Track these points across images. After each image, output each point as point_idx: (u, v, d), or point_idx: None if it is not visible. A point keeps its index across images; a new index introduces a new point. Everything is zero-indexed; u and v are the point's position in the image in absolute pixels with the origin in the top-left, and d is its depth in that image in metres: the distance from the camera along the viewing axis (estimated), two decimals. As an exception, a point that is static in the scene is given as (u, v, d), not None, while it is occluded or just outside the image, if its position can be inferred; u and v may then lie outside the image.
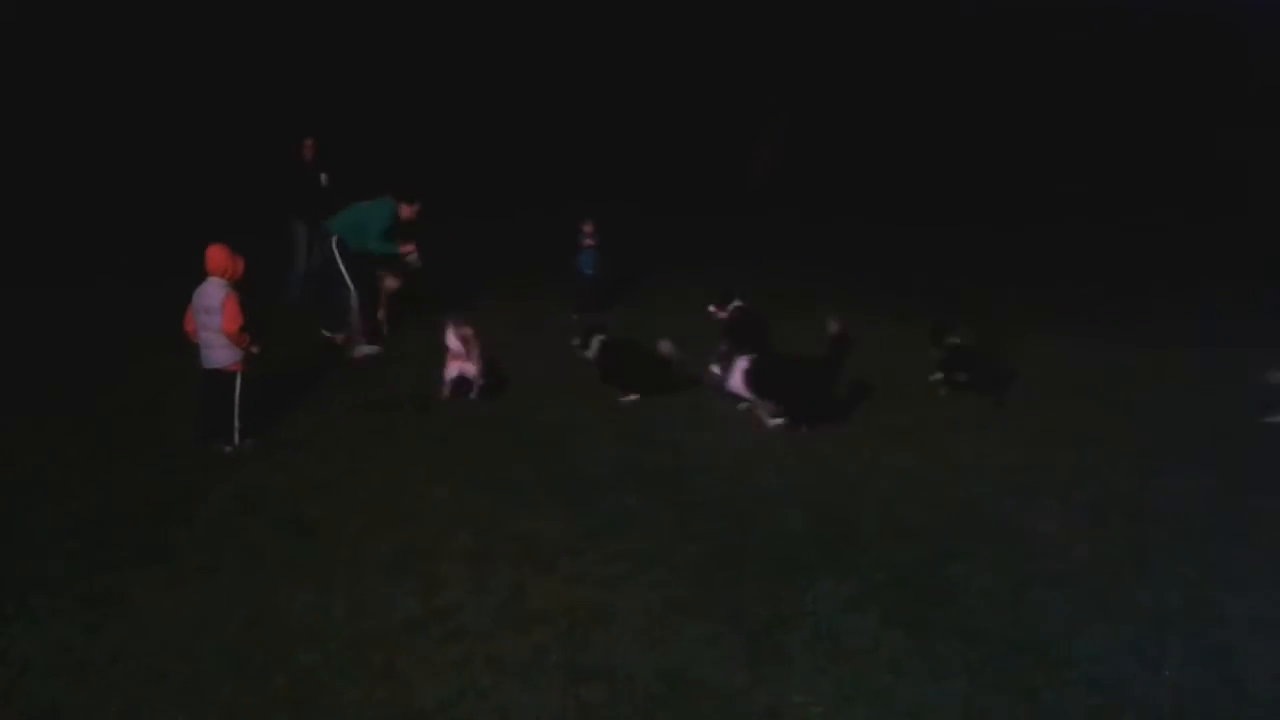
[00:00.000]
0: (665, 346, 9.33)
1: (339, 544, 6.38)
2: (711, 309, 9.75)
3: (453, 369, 9.14)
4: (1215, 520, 6.90)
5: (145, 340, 10.04)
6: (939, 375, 9.39)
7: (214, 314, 7.50)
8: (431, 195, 10.65)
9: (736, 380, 8.71)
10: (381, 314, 10.90)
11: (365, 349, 10.33)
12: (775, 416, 8.57)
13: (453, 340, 9.12)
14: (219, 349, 7.61)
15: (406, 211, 10.34)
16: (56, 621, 5.51)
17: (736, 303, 9.66)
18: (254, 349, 7.71)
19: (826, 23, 20.95)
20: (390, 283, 10.86)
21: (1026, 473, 7.64)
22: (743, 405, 8.75)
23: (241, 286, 7.63)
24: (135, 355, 9.90)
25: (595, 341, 9.19)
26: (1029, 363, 10.13)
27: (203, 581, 5.91)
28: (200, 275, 7.61)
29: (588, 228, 12.06)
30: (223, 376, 7.68)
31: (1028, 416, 8.83)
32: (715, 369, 9.36)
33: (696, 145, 22.50)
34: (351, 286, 10.22)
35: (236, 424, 7.76)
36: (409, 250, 10.39)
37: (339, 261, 10.19)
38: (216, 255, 7.56)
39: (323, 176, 11.42)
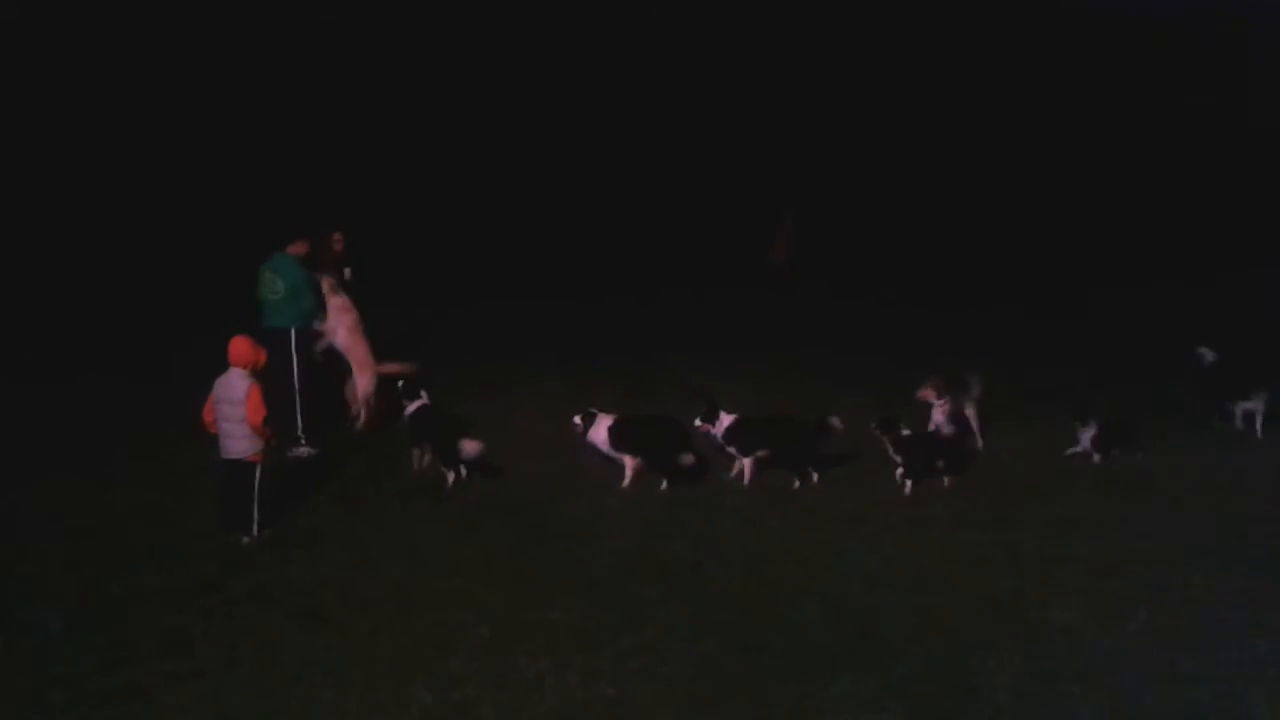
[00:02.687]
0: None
1: (355, 638, 6.36)
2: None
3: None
4: (1244, 615, 6.76)
5: (154, 433, 10.09)
6: (899, 470, 9.14)
7: (237, 405, 7.58)
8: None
9: (599, 435, 9.08)
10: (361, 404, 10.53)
11: (303, 450, 9.67)
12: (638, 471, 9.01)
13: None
14: (240, 439, 7.67)
15: (300, 248, 9.85)
16: (74, 717, 5.48)
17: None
18: (273, 440, 7.77)
19: (835, 114, 21.41)
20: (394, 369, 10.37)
21: (1047, 564, 7.55)
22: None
23: (261, 377, 7.75)
24: (147, 447, 9.88)
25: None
26: (1037, 449, 10.10)
27: (220, 676, 5.89)
28: (211, 366, 7.73)
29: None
30: (243, 467, 7.73)
31: (1043, 506, 8.74)
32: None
33: (707, 231, 22.71)
34: (298, 387, 9.62)
35: (256, 514, 7.77)
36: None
37: (294, 360, 9.59)
38: (240, 346, 7.69)
39: (346, 271, 11.17)
